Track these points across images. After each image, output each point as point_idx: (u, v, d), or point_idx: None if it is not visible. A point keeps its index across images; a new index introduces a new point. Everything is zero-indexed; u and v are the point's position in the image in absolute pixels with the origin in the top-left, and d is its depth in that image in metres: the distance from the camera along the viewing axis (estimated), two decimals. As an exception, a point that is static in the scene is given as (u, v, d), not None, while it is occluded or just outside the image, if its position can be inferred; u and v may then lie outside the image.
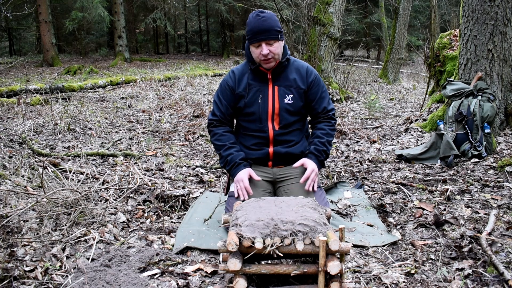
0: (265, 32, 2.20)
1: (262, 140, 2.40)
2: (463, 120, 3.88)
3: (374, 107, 6.68)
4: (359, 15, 20.24)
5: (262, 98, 2.35)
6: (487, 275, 1.82)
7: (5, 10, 8.96)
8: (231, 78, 2.41)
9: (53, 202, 2.51)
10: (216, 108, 2.44)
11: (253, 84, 2.37)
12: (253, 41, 2.24)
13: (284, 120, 2.37)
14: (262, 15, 2.23)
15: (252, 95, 2.36)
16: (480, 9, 4.02)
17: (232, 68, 2.48)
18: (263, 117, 2.35)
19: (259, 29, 2.20)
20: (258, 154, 2.41)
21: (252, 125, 2.39)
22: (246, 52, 2.37)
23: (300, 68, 2.41)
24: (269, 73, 2.35)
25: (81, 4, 14.73)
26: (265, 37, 2.21)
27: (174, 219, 2.62)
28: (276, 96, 2.35)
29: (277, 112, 2.35)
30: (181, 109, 6.69)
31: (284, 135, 2.39)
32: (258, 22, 2.21)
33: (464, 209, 2.59)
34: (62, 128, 5.03)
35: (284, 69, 2.38)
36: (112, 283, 1.82)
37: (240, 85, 2.38)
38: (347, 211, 2.73)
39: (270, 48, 2.23)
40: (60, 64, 14.53)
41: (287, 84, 2.36)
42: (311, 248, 1.65)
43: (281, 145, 2.40)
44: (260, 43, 2.23)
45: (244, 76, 2.39)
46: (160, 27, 21.07)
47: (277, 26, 2.24)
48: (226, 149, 2.37)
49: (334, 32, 7.84)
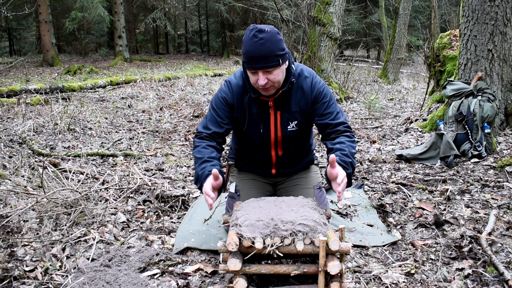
0: (263, 59, 1.84)
1: (264, 163, 2.28)
2: (463, 120, 3.88)
3: (374, 107, 6.68)
4: (359, 15, 20.23)
5: (264, 128, 2.11)
6: (487, 275, 1.82)
7: (5, 10, 8.96)
8: (230, 92, 2.10)
9: (53, 202, 2.51)
10: (210, 122, 2.10)
11: (253, 111, 2.09)
12: (249, 67, 1.90)
13: (287, 147, 2.20)
14: (259, 37, 1.83)
15: (252, 124, 2.11)
16: (480, 9, 4.02)
17: (227, 78, 2.19)
18: (265, 145, 2.18)
19: (255, 55, 1.84)
20: (260, 173, 2.35)
21: (254, 147, 2.24)
22: (244, 71, 2.03)
23: (304, 87, 2.08)
24: (271, 101, 2.06)
25: (81, 4, 14.72)
26: (263, 65, 1.86)
27: (174, 219, 2.62)
28: (279, 124, 2.10)
29: (280, 140, 2.15)
30: (181, 109, 6.69)
31: (288, 157, 2.27)
32: (255, 46, 1.83)
33: (464, 209, 2.59)
34: (62, 128, 5.03)
35: (288, 94, 2.07)
36: (112, 283, 1.82)
37: (239, 107, 2.10)
38: (347, 211, 2.73)
39: (269, 77, 1.89)
40: (60, 64, 14.53)
41: (291, 110, 2.09)
42: (311, 248, 1.65)
43: (284, 167, 2.32)
44: (257, 71, 1.89)
45: (243, 98, 2.08)
46: (160, 27, 21.08)
47: (278, 50, 1.87)
48: (201, 163, 1.97)
49: (334, 32, 7.84)
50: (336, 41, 8.02)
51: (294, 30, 8.54)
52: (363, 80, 11.17)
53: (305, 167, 2.40)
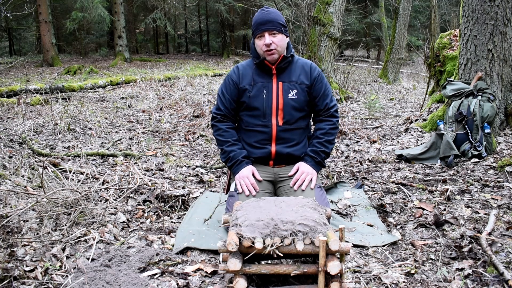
0: (268, 23, 2.28)
1: (264, 136, 2.39)
2: (463, 120, 3.88)
3: (374, 107, 6.68)
4: (359, 15, 20.24)
5: (267, 93, 2.37)
6: (487, 275, 1.82)
7: (5, 10, 8.96)
8: (235, 73, 2.45)
9: (53, 202, 2.51)
10: (220, 103, 2.46)
11: (258, 79, 2.40)
12: (257, 32, 2.31)
13: (288, 115, 2.38)
14: (267, 10, 2.34)
15: (256, 90, 2.38)
16: (480, 9, 4.02)
17: (235, 65, 2.57)
18: (267, 111, 2.37)
19: (262, 20, 2.29)
20: (260, 153, 2.41)
21: (256, 120, 2.40)
22: (252, 48, 2.43)
23: (304, 65, 2.45)
24: (274, 68, 2.38)
25: (81, 4, 14.72)
26: (268, 27, 2.28)
27: (174, 219, 2.62)
28: (281, 91, 2.38)
29: (281, 107, 2.37)
30: (181, 109, 6.69)
31: (287, 131, 2.39)
32: (263, 15, 2.31)
33: (464, 209, 2.59)
34: (62, 128, 5.03)
35: (289, 65, 2.42)
36: (112, 283, 1.82)
37: (244, 79, 2.42)
38: (347, 211, 2.73)
39: (273, 39, 2.28)
40: (60, 64, 14.53)
41: (291, 80, 2.40)
42: (311, 248, 1.65)
43: (283, 143, 2.40)
44: (263, 33, 2.29)
45: (249, 71, 2.43)
46: (160, 27, 21.07)
47: (281, 20, 2.31)
48: (229, 145, 2.40)
49: (334, 32, 7.84)
50: (336, 41, 8.02)
51: (294, 30, 8.54)
52: (363, 80, 11.17)
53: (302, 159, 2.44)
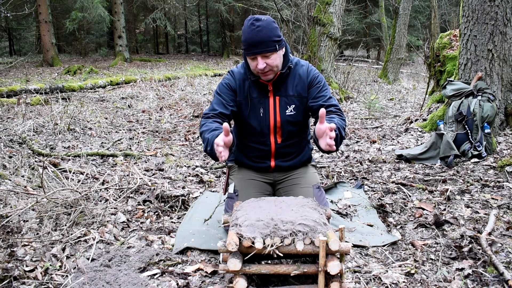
0: (260, 45, 2.00)
1: (263, 153, 2.32)
2: (463, 120, 3.88)
3: (374, 107, 6.68)
4: (359, 15, 20.24)
5: (263, 112, 2.22)
6: (487, 275, 1.82)
7: (5, 10, 8.96)
8: (232, 78, 2.26)
9: (53, 202, 2.51)
10: (216, 105, 2.22)
11: (254, 93, 2.22)
12: (248, 53, 2.05)
13: (286, 133, 2.26)
14: (256, 24, 2.00)
15: (253, 108, 2.22)
16: (480, 9, 4.02)
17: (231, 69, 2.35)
18: (264, 131, 2.25)
19: (253, 41, 2.00)
20: (259, 166, 2.37)
21: (253, 137, 2.29)
22: (245, 60, 2.18)
23: (302, 74, 2.24)
24: (270, 85, 2.20)
25: (81, 4, 14.71)
26: (261, 50, 2.01)
27: (174, 219, 2.62)
28: (278, 108, 2.22)
29: (279, 125, 2.24)
30: (181, 109, 6.69)
31: (286, 147, 2.31)
32: (253, 33, 1.99)
33: (464, 209, 2.59)
34: (62, 128, 5.03)
35: (286, 78, 2.22)
36: (112, 283, 1.82)
37: (241, 91, 2.24)
38: (347, 211, 2.73)
39: (267, 61, 2.04)
40: (60, 64, 14.53)
41: (288, 94, 2.22)
42: (311, 248, 1.65)
43: (283, 158, 2.33)
44: (256, 56, 2.04)
45: (244, 83, 2.23)
46: (160, 27, 21.07)
47: (274, 36, 2.02)
48: (210, 132, 2.02)
49: (334, 32, 7.85)
50: (336, 41, 8.02)
51: (294, 30, 8.54)
52: (363, 80, 11.17)
53: (303, 164, 2.41)
